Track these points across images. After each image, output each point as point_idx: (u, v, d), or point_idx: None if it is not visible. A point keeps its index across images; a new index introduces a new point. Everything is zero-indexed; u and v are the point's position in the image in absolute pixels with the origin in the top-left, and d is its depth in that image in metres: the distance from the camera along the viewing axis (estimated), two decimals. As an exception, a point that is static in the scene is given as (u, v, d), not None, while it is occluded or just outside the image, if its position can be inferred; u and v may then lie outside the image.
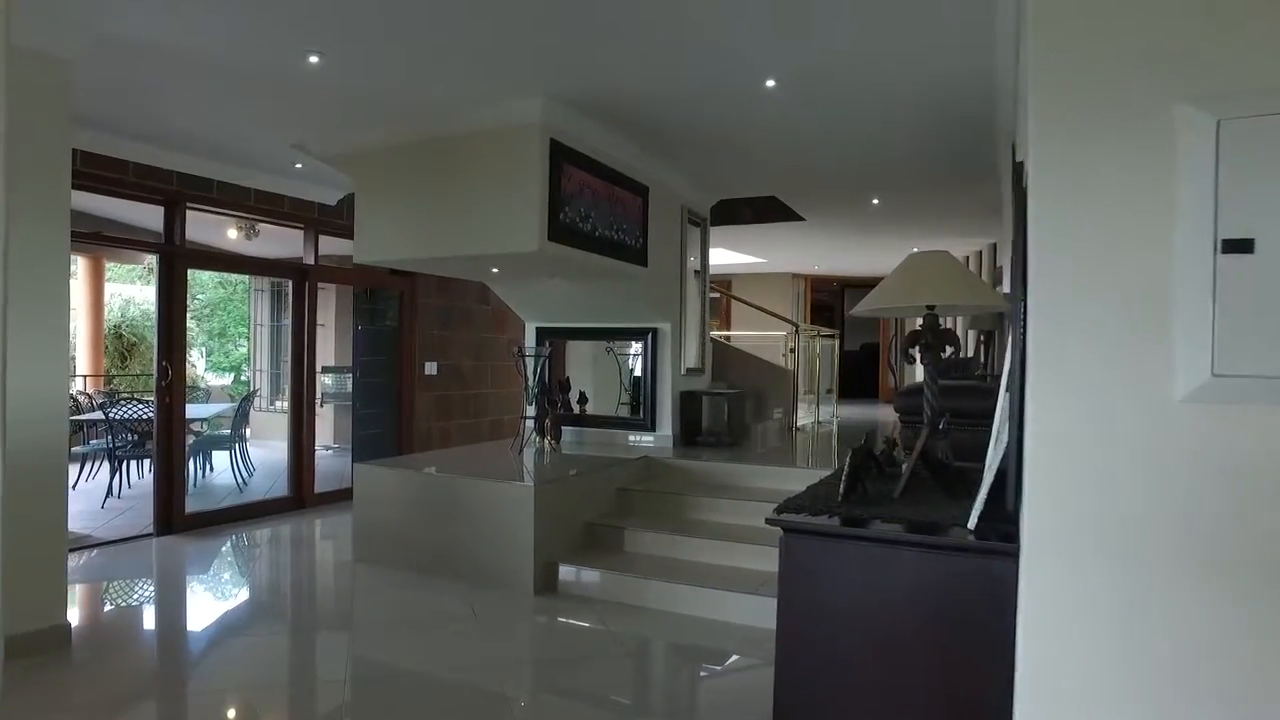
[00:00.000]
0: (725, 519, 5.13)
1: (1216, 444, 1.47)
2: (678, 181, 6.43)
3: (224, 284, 22.64)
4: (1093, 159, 1.55)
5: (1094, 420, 1.56)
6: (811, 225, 8.66)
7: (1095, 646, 1.56)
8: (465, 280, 8.42)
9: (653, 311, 6.39)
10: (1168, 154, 1.49)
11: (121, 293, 15.14)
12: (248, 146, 5.76)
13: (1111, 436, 1.55)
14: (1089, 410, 1.57)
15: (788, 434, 8.05)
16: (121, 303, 14.95)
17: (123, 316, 14.44)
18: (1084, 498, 1.57)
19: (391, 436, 7.87)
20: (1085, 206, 1.56)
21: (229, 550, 5.79)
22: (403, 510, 5.15)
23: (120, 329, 13.65)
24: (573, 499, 5.03)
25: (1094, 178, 1.55)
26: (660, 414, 6.52)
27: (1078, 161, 1.56)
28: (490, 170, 4.77)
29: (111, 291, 13.95)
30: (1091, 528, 1.56)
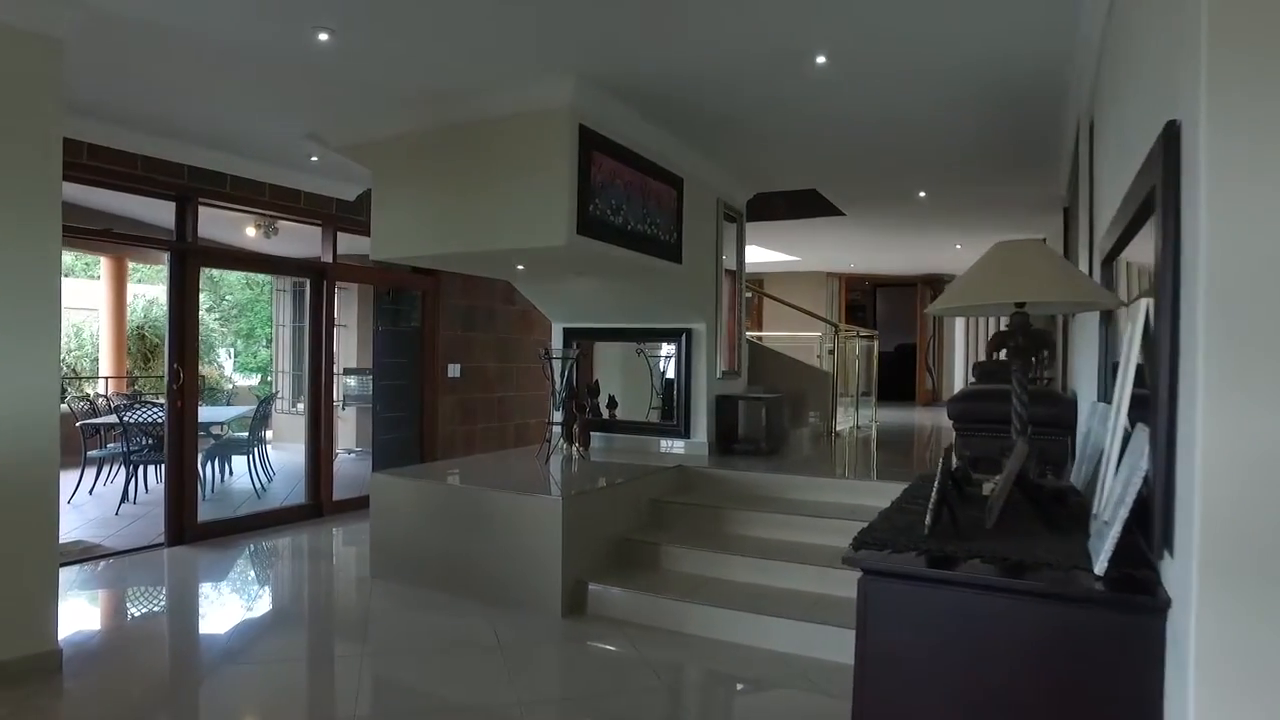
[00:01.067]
0: (769, 534, 4.76)
1: None
2: (713, 173, 6.06)
3: (251, 285, 22.65)
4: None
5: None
6: (851, 221, 8.25)
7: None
8: (490, 279, 8.11)
9: (687, 311, 6.02)
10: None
11: (145, 293, 15.03)
12: (261, 138, 5.48)
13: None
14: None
15: (827, 440, 7.65)
16: (145, 303, 14.84)
17: (145, 317, 14.31)
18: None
19: (413, 441, 7.57)
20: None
21: (241, 564, 5.50)
22: (422, 523, 4.83)
23: (143, 330, 13.51)
24: (603, 512, 4.68)
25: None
26: (695, 420, 6.15)
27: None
28: (515, 159, 4.43)
29: (135, 292, 13.83)
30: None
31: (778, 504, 5.03)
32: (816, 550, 4.49)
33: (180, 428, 5.75)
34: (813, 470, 5.82)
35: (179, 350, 5.72)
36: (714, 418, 6.19)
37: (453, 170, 4.68)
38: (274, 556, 5.77)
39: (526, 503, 4.46)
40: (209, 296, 20.99)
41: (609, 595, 4.33)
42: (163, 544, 5.76)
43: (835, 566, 4.22)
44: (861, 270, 13.14)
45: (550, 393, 5.81)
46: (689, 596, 4.19)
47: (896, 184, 6.69)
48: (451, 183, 4.68)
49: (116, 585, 4.96)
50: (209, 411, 8.68)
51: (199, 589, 5.02)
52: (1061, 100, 4.39)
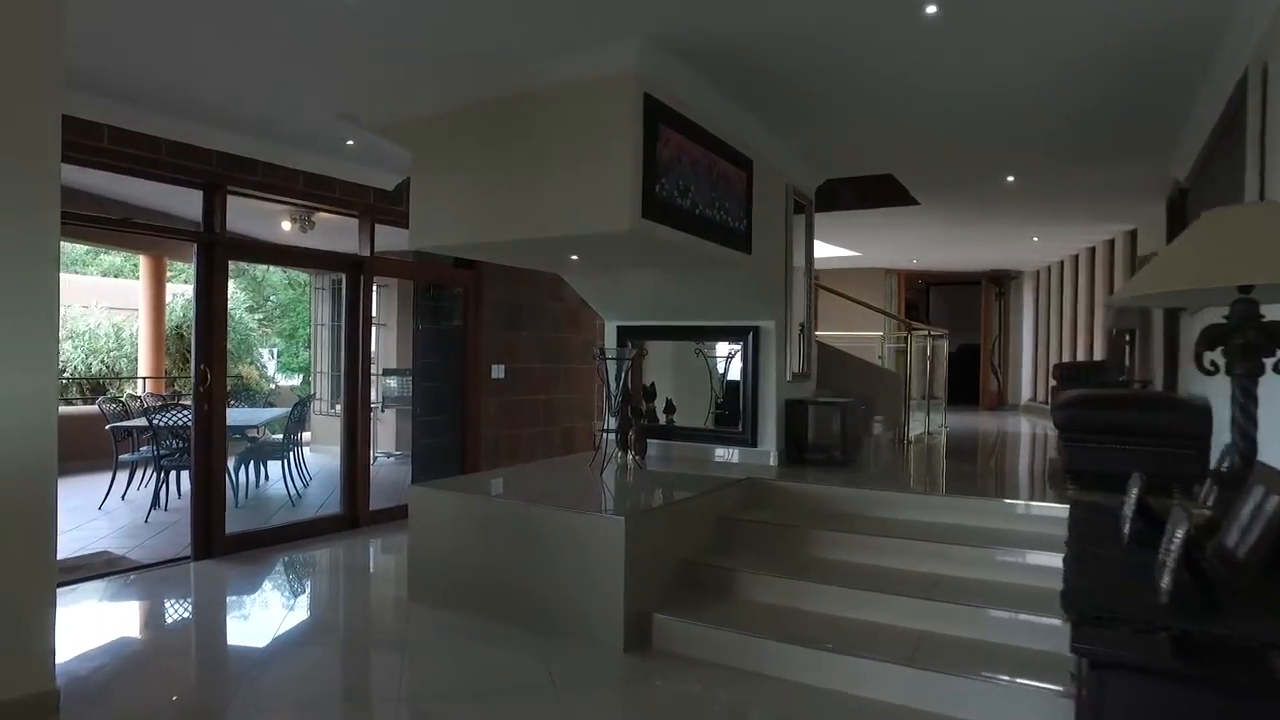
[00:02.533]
0: (855, 558, 4.20)
1: None
2: (784, 155, 5.50)
3: (293, 284, 22.55)
4: None
5: None
6: (923, 211, 7.62)
7: None
8: (536, 273, 7.62)
9: (755, 307, 5.47)
10: None
11: (185, 292, 14.85)
12: (292, 119, 5.04)
13: None
14: None
15: (899, 448, 7.04)
16: (184, 303, 14.65)
17: (185, 317, 14.10)
18: None
19: (454, 446, 7.12)
20: None
21: (268, 583, 5.07)
22: (465, 542, 4.34)
23: (182, 330, 13.30)
24: (669, 532, 4.15)
25: None
26: (762, 426, 5.59)
27: None
28: (572, 134, 3.93)
29: (174, 291, 13.63)
30: None
31: (863, 523, 4.46)
32: (913, 579, 3.92)
33: (208, 432, 5.34)
34: (898, 484, 5.24)
35: (206, 349, 5.31)
36: (784, 424, 5.63)
37: (500, 149, 4.19)
38: (304, 574, 5.34)
39: (583, 522, 3.94)
40: (252, 296, 20.90)
41: (677, 628, 3.79)
42: (189, 558, 5.36)
43: (937, 599, 3.66)
44: (922, 266, 12.43)
45: (605, 397, 5.30)
46: (770, 631, 3.64)
47: (984, 167, 6.06)
48: (499, 163, 4.20)
49: (134, 606, 4.56)
50: (242, 414, 8.32)
51: (221, 612, 4.60)
52: (1208, 57, 3.76)
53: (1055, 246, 10.21)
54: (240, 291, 19.31)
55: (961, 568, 3.97)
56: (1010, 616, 3.47)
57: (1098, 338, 9.45)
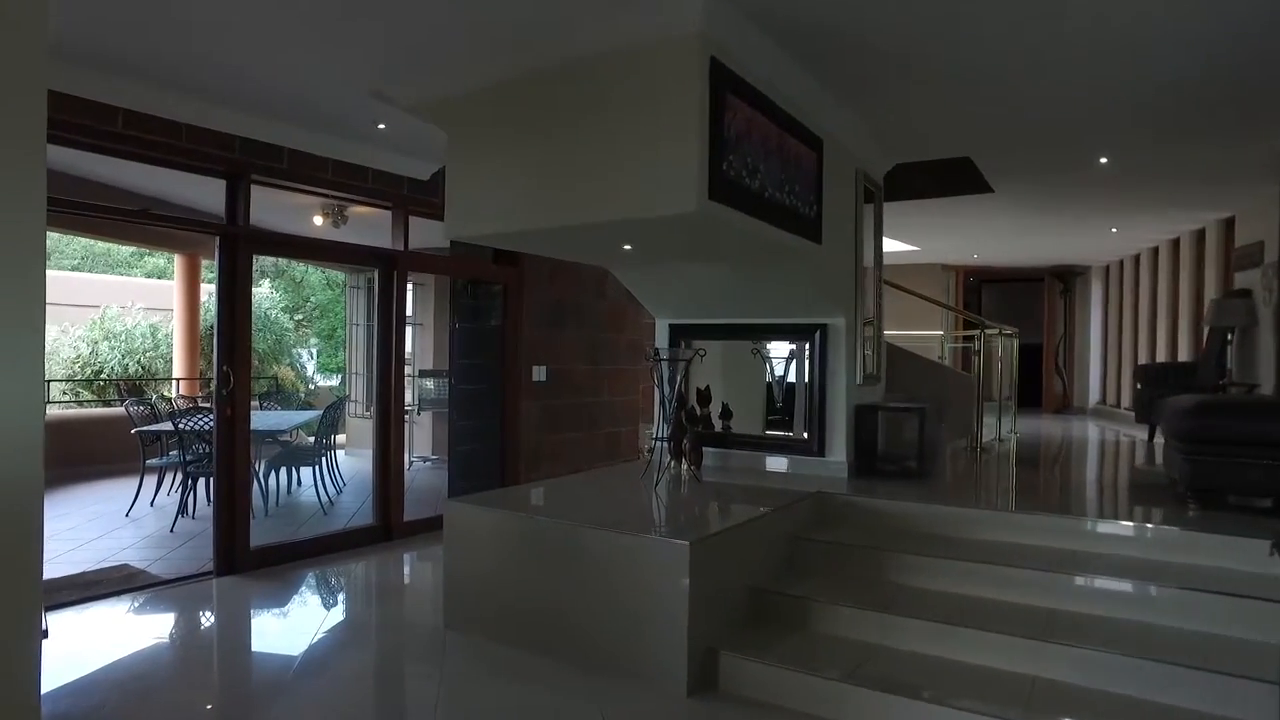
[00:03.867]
0: (947, 587, 3.68)
1: None
2: (854, 135, 4.98)
3: (331, 285, 22.45)
4: None
5: None
6: (996, 200, 7.04)
7: None
8: (579, 270, 7.19)
9: (823, 302, 4.96)
10: None
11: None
12: (320, 100, 4.65)
13: None
14: None
15: (973, 456, 6.47)
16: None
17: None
18: None
19: (493, 452, 6.70)
20: None
21: (292, 603, 4.67)
22: (507, 564, 3.90)
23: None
24: (736, 555, 3.67)
25: None
26: (831, 434, 5.08)
27: None
28: (629, 106, 3.46)
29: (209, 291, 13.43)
30: None
31: (951, 545, 3.94)
32: (1019, 613, 3.40)
33: (230, 439, 4.97)
34: (984, 500, 4.71)
35: (229, 350, 4.94)
36: (854, 432, 5.11)
37: (546, 126, 3.74)
38: (331, 594, 4.94)
39: (642, 546, 3.47)
40: (290, 296, 20.80)
41: (747, 669, 3.30)
42: (211, 573, 4.99)
43: (1051, 639, 3.13)
44: (983, 262, 11.77)
45: (660, 402, 4.82)
46: (850, 674, 3.14)
47: (1075, 146, 5.47)
48: (545, 141, 3.74)
49: (147, 630, 4.18)
50: (273, 417, 7.99)
51: (239, 638, 4.21)
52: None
53: (1134, 238, 9.51)
54: (277, 291, 19.20)
55: (1075, 600, 3.44)
56: (1151, 665, 2.93)
57: (1183, 337, 8.76)
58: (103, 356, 12.65)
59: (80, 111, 4.29)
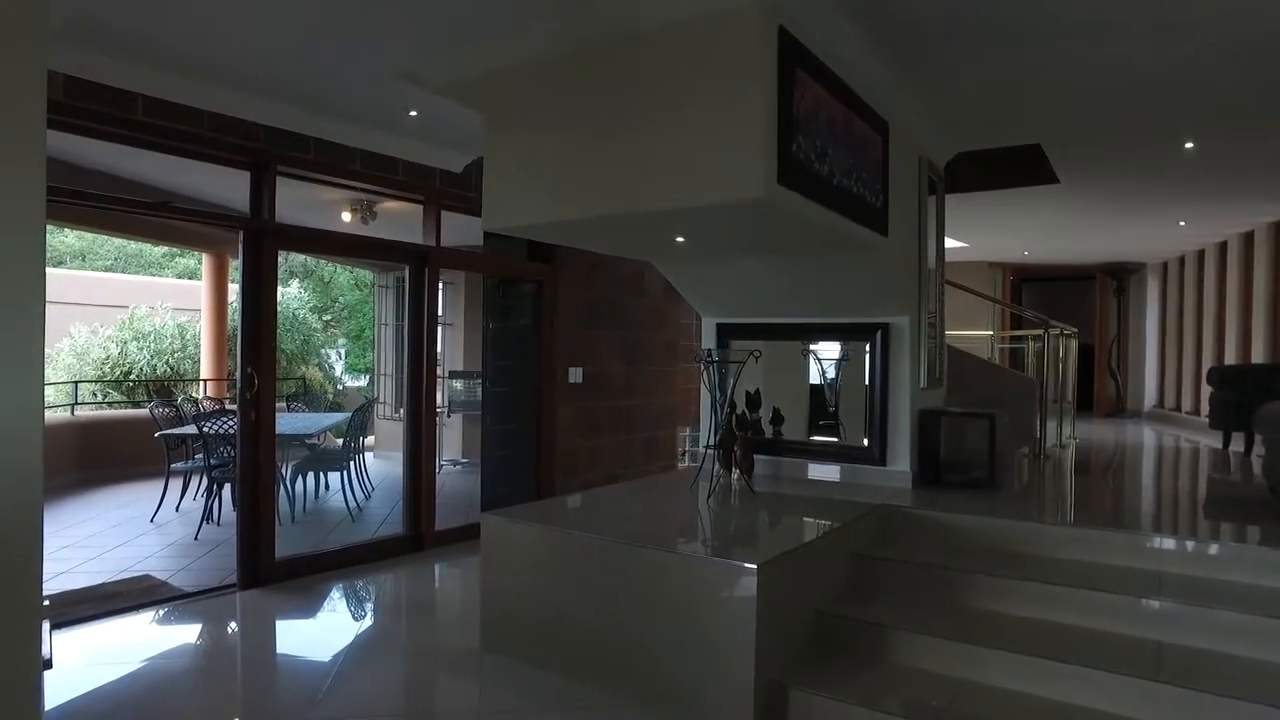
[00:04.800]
0: (1037, 613, 3.31)
1: None
2: (919, 119, 4.62)
3: (360, 285, 22.35)
4: None
5: None
6: (1060, 192, 6.63)
7: None
8: (616, 266, 6.88)
9: (886, 300, 4.61)
10: None
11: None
12: (349, 85, 4.37)
13: None
14: None
15: (1038, 463, 6.07)
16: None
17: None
18: None
19: (527, 457, 6.40)
20: None
21: (318, 620, 4.40)
22: (549, 584, 3.59)
23: (245, 330, 12.95)
24: (802, 576, 3.33)
25: None
26: (893, 441, 4.72)
27: None
28: (686, 82, 3.13)
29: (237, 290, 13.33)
30: None
31: (1035, 566, 3.57)
32: (1121, 647, 3.04)
33: (255, 444, 4.70)
34: (1064, 515, 4.34)
35: (253, 351, 4.68)
36: (917, 439, 4.75)
37: (594, 105, 3.42)
38: (359, 611, 4.66)
39: (704, 568, 3.14)
40: (319, 297, 20.70)
41: (820, 707, 2.96)
42: (234, 586, 4.73)
43: (1166, 680, 2.77)
44: (1035, 259, 11.27)
45: (713, 407, 4.48)
46: (941, 718, 2.80)
47: (1162, 129, 5.05)
48: (592, 123, 3.43)
49: (164, 647, 3.92)
50: (300, 420, 7.75)
51: (260, 658, 3.93)
52: None
53: (1202, 232, 8.98)
54: (306, 291, 19.09)
55: (1184, 632, 3.06)
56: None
57: (1258, 337, 8.25)
58: (131, 357, 12.54)
59: (98, 98, 4.04)
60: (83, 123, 4.02)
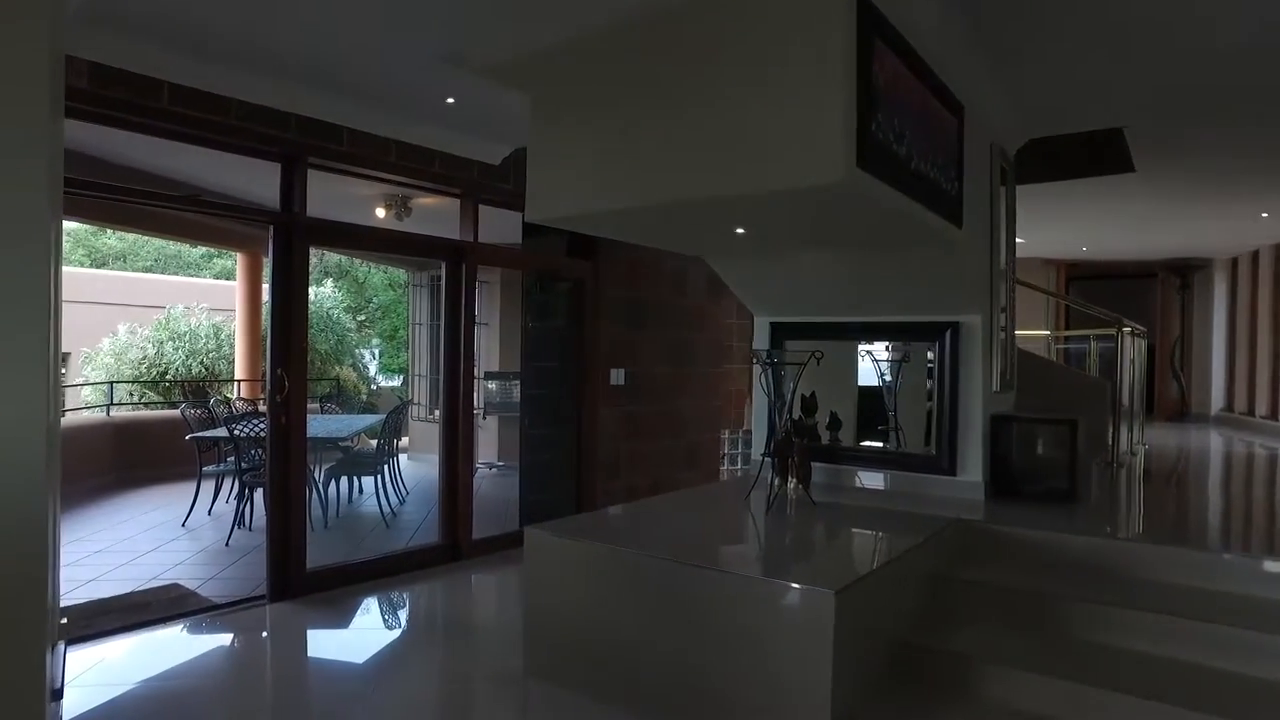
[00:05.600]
0: (1149, 647, 2.97)
1: None
2: (991, 101, 4.27)
3: (393, 285, 22.31)
4: None
5: None
6: (1132, 181, 6.20)
7: None
8: (659, 262, 6.60)
9: (957, 297, 4.27)
10: None
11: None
12: (385, 70, 4.12)
13: None
14: None
15: (1111, 472, 5.68)
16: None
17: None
18: None
19: (568, 462, 6.14)
20: None
21: (350, 637, 4.16)
22: (599, 605, 3.30)
23: (280, 330, 12.84)
24: (879, 600, 3.01)
25: None
26: (964, 449, 4.37)
27: None
28: (756, 54, 2.83)
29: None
30: None
31: (1138, 592, 3.21)
32: (1255, 691, 2.68)
33: (285, 450, 4.48)
34: (1161, 533, 3.96)
35: (283, 351, 4.45)
36: (989, 448, 4.40)
37: (652, 83, 3.13)
38: (394, 628, 4.42)
39: (774, 594, 2.84)
40: (353, 297, 20.67)
41: (904, 750, 2.66)
42: (264, 598, 4.51)
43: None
44: (1094, 255, 10.77)
45: (773, 412, 4.17)
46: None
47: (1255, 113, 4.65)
48: (650, 103, 3.14)
49: (191, 663, 3.69)
50: (334, 423, 7.56)
51: (286, 681, 3.68)
52: None
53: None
54: (340, 291, 19.05)
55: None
56: None
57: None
58: (168, 357, 12.50)
59: (123, 86, 3.83)
60: (108, 111, 3.82)
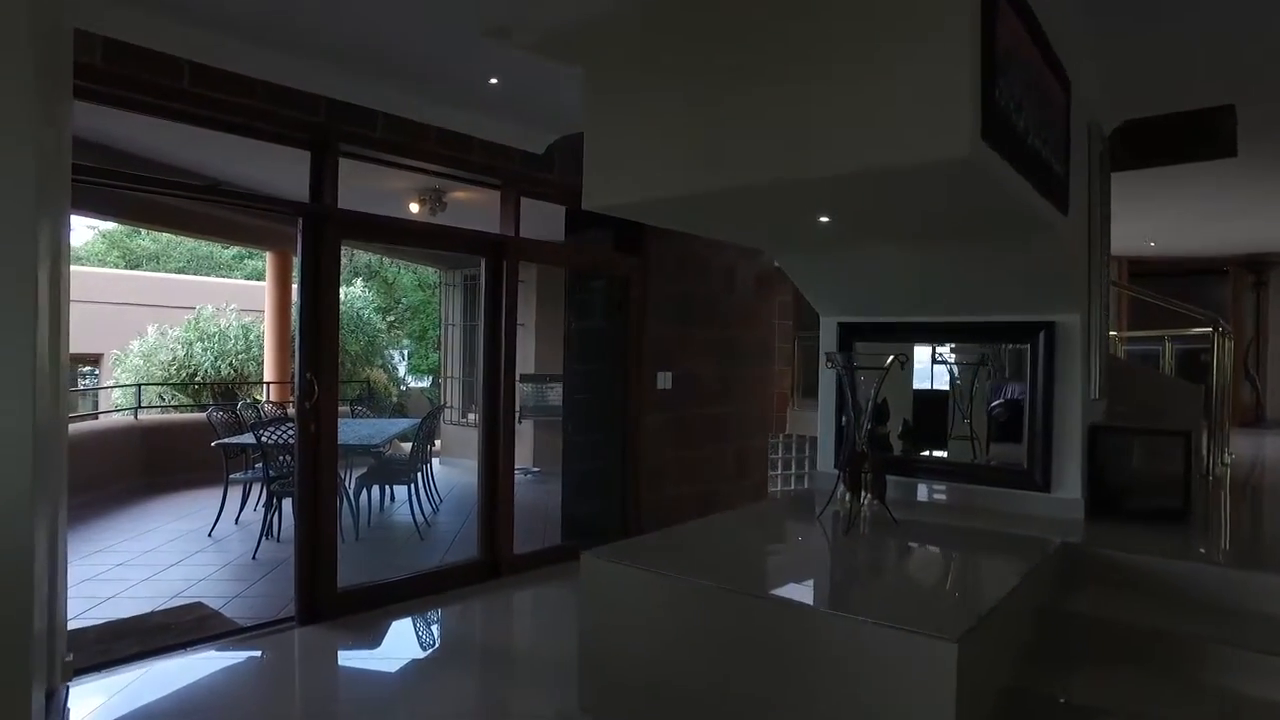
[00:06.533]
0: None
1: None
2: (1092, 76, 3.84)
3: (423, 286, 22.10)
4: None
5: None
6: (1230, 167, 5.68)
7: None
8: (708, 258, 6.22)
9: (1055, 294, 3.83)
10: None
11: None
12: (426, 50, 3.78)
13: None
14: None
15: (1207, 484, 5.20)
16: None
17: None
18: None
19: (613, 470, 5.77)
20: None
21: (383, 670, 3.81)
22: (664, 641, 2.91)
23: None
24: (993, 643, 2.60)
25: None
26: (1060, 462, 3.93)
27: None
28: (861, 8, 2.43)
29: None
30: None
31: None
32: None
33: (314, 460, 4.14)
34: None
35: (313, 353, 4.11)
36: (1088, 461, 3.96)
37: (733, 48, 2.74)
38: (433, 654, 4.07)
39: (877, 639, 2.43)
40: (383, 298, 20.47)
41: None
42: (292, 621, 4.18)
43: None
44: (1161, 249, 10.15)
45: (852, 422, 3.75)
46: None
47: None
48: (730, 71, 2.74)
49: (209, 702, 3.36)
50: (366, 427, 7.25)
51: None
52: None
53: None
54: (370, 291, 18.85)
55: None
56: None
57: None
58: (197, 359, 12.31)
59: (139, 64, 3.51)
60: (123, 93, 3.51)
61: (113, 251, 24.98)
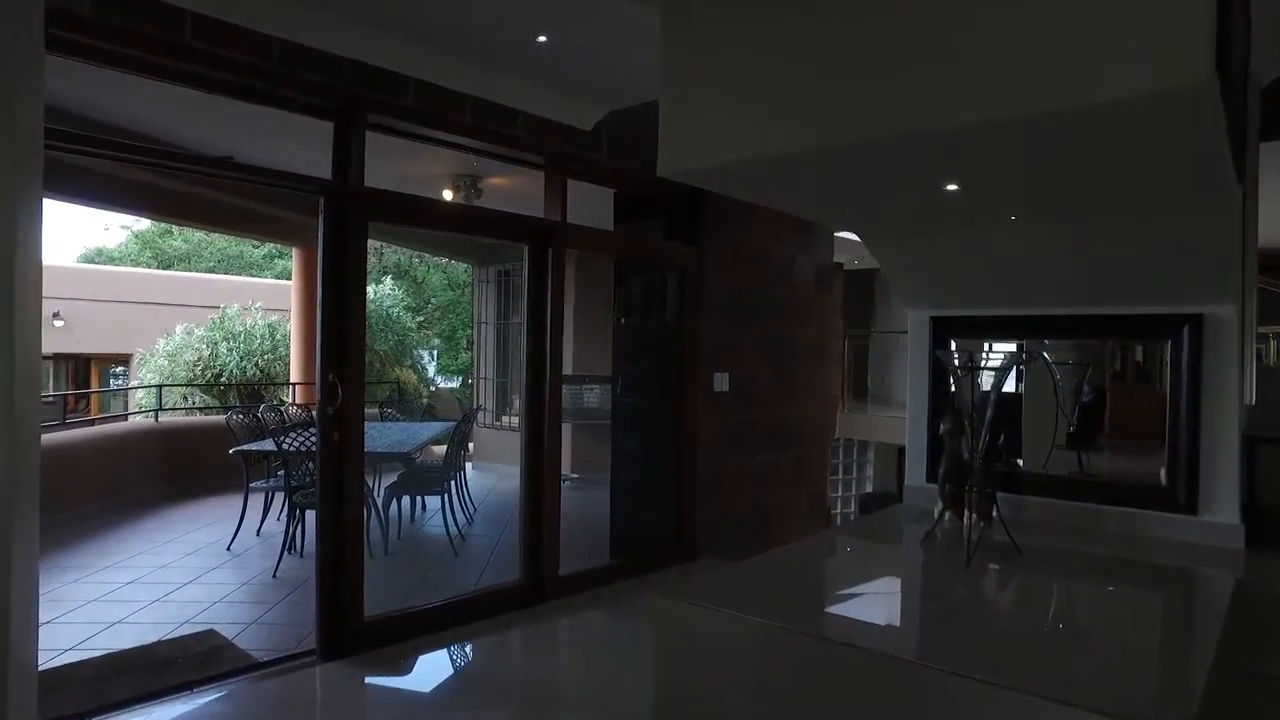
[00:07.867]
0: None
1: None
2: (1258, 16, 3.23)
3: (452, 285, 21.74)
4: None
5: None
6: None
7: None
8: (765, 251, 5.67)
9: (1207, 281, 3.23)
10: None
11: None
12: (464, 3, 3.26)
13: None
14: None
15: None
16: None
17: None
18: None
19: (665, 480, 5.24)
20: None
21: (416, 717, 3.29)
22: (758, 698, 2.36)
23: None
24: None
25: None
26: (1210, 480, 3.32)
27: None
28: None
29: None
30: None
31: None
32: None
33: (337, 474, 3.63)
34: None
35: (336, 351, 3.60)
36: (1245, 479, 3.35)
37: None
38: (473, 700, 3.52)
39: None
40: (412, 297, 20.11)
41: None
42: (313, 655, 3.69)
43: None
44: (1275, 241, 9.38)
45: (977, 436, 3.17)
46: None
47: None
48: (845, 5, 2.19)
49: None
50: (396, 432, 6.77)
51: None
52: None
53: None
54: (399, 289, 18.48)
55: None
56: None
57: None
58: (222, 359, 11.95)
59: (132, 13, 3.03)
60: (113, 47, 3.02)
61: (145, 251, 24.90)
